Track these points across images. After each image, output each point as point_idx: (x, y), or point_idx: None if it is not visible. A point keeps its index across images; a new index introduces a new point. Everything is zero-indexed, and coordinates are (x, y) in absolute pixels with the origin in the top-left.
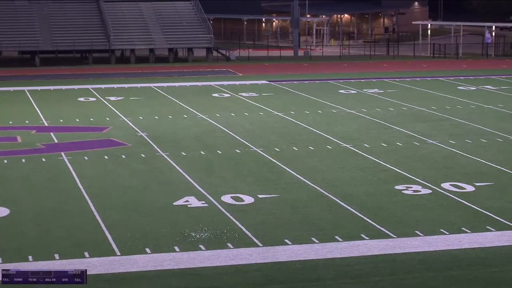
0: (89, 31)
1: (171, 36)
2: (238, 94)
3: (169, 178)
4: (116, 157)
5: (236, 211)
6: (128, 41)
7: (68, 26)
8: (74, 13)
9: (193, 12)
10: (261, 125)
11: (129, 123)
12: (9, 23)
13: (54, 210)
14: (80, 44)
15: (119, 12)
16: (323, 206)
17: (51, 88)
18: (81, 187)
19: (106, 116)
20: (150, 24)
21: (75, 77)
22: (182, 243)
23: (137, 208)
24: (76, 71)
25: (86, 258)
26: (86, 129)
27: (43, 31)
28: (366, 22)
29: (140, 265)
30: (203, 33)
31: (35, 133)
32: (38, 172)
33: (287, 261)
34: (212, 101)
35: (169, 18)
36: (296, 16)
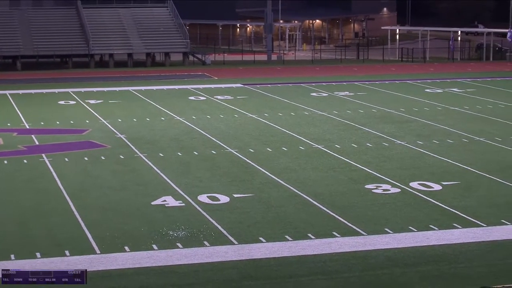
0: (69, 36)
1: (149, 41)
2: (214, 97)
3: (147, 178)
4: (95, 158)
5: (212, 210)
6: (107, 46)
7: (49, 32)
8: (54, 18)
9: (169, 18)
10: (236, 127)
11: (108, 126)
12: None
13: (35, 210)
14: (60, 49)
15: (98, 17)
16: (296, 205)
17: (32, 91)
18: (61, 187)
19: (86, 119)
20: (128, 29)
21: (55, 81)
22: (160, 242)
23: (116, 207)
24: (56, 75)
25: (67, 257)
26: (67, 131)
27: (24, 36)
28: (337, 27)
29: (120, 263)
30: (180, 38)
31: (17, 135)
32: (20, 173)
33: (262, 258)
34: (189, 103)
35: (146, 24)
36: (269, 22)
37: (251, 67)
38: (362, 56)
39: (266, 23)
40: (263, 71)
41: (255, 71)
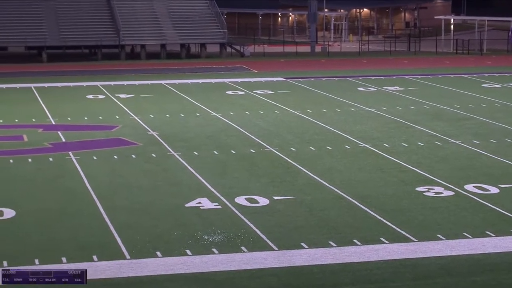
0: (98, 26)
1: (183, 31)
2: (253, 91)
3: (180, 178)
4: (125, 157)
5: (250, 213)
6: (139, 36)
7: (77, 21)
8: (83, 7)
9: (206, 6)
10: (276, 124)
11: (140, 122)
12: (15, 17)
13: (61, 211)
14: (88, 40)
15: (129, 6)
16: (341, 208)
17: (58, 85)
18: (89, 187)
19: (116, 114)
20: (161, 19)
21: (83, 74)
22: (194, 247)
23: (148, 209)
24: (84, 68)
25: (95, 262)
26: (95, 127)
27: (51, 26)
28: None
29: (151, 269)
30: (217, 28)
31: (42, 131)
32: (45, 172)
33: (304, 265)
34: (226, 98)
35: (181, 13)
36: (313, 11)
37: (293, 60)
38: (414, 48)
39: (309, 12)
40: (306, 64)
41: (297, 64)
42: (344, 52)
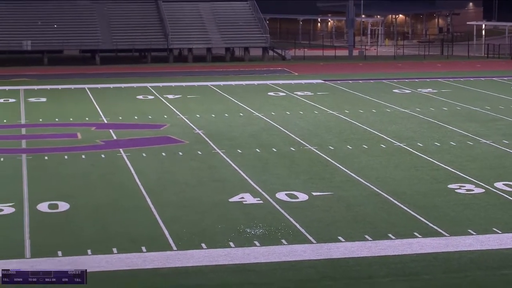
0: (148, 30)
1: (228, 36)
2: (293, 93)
3: (225, 175)
4: (173, 154)
5: (290, 208)
6: (186, 40)
7: (128, 26)
8: (134, 13)
9: (249, 12)
10: (315, 124)
11: (186, 121)
12: (71, 22)
13: (112, 205)
14: (139, 43)
15: (178, 11)
16: (377, 204)
17: (110, 86)
18: (139, 183)
19: (164, 114)
20: (207, 24)
21: (134, 76)
22: (237, 239)
23: (194, 204)
24: (135, 70)
25: (143, 253)
26: (144, 126)
27: (104, 30)
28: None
29: (196, 260)
30: (260, 32)
31: (95, 130)
32: (97, 168)
33: (340, 258)
34: (268, 99)
35: (226, 18)
36: (351, 16)
37: (332, 63)
38: (447, 52)
39: (348, 18)
40: (344, 67)
41: (336, 67)
42: (380, 56)
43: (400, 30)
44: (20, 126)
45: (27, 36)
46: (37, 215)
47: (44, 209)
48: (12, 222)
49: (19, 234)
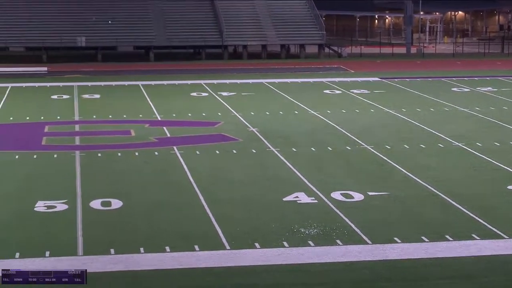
0: (202, 27)
1: (284, 33)
2: (350, 90)
3: (279, 173)
4: (227, 152)
5: (345, 208)
6: (241, 37)
7: (182, 22)
8: (188, 9)
9: (305, 9)
10: (372, 122)
11: (241, 119)
12: (125, 19)
13: (165, 203)
14: (193, 40)
15: (233, 8)
16: (434, 205)
17: (164, 83)
18: (192, 181)
19: (218, 111)
20: (263, 21)
21: (188, 72)
22: (291, 239)
23: (247, 203)
24: (189, 67)
25: (196, 252)
26: (198, 123)
27: (158, 27)
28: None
29: (249, 260)
30: (315, 29)
31: (148, 127)
32: (151, 165)
33: (396, 259)
34: (323, 97)
35: (281, 15)
36: (409, 13)
37: (389, 60)
38: (507, 50)
39: (405, 15)
40: (401, 65)
41: (393, 65)
42: (439, 53)
43: (459, 27)
44: (73, 123)
45: (82, 33)
46: (89, 212)
47: (97, 206)
48: (65, 219)
49: (72, 231)
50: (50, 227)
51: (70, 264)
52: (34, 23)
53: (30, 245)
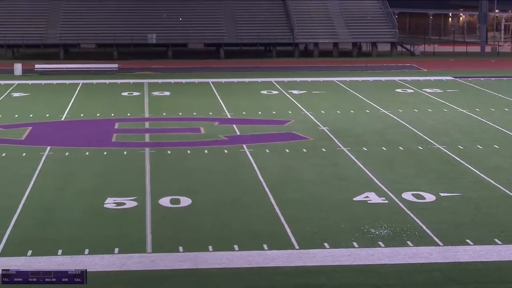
0: (273, 24)
1: (355, 30)
2: (422, 90)
3: (349, 173)
4: (296, 150)
5: (416, 208)
6: (312, 35)
7: (253, 20)
8: (259, 6)
9: (378, 7)
10: (444, 122)
11: (311, 117)
12: (195, 16)
13: (234, 201)
14: (264, 38)
15: (304, 5)
16: (508, 207)
17: (234, 80)
18: (261, 179)
19: (288, 110)
20: (334, 18)
21: (258, 70)
22: (361, 239)
23: (317, 202)
24: (259, 64)
25: (265, 251)
26: (268, 122)
27: (228, 24)
28: None
29: (318, 260)
30: (388, 27)
31: (218, 124)
32: (220, 163)
33: (468, 261)
34: (395, 96)
35: (353, 13)
36: (484, 11)
37: (462, 59)
38: None
39: (480, 13)
40: (475, 64)
41: (467, 63)
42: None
43: None
44: (143, 120)
45: (152, 30)
46: (159, 209)
47: (166, 204)
48: (134, 216)
49: (141, 228)
50: (119, 224)
51: (139, 261)
52: (105, 20)
53: (99, 241)
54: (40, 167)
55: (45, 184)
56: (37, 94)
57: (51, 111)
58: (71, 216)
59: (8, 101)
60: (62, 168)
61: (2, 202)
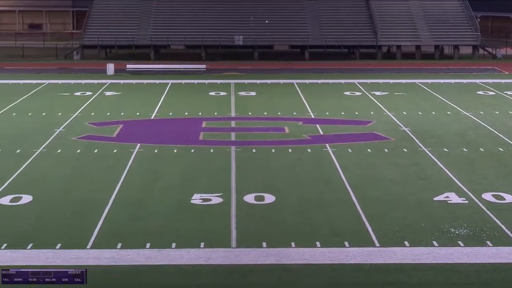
0: (357, 27)
1: (438, 33)
2: (503, 92)
3: (430, 173)
4: (378, 150)
5: (496, 209)
6: (395, 37)
7: (337, 22)
8: (344, 9)
9: (460, 10)
10: None
11: (393, 118)
12: (281, 18)
13: (317, 199)
14: (348, 40)
15: (387, 9)
16: None
17: (318, 81)
18: (343, 178)
19: (371, 110)
20: (417, 21)
21: (342, 72)
22: (441, 238)
23: (397, 201)
24: (343, 66)
25: (346, 248)
26: (351, 122)
27: (313, 26)
28: None
29: (398, 257)
30: (470, 30)
31: (302, 124)
32: (303, 162)
33: None
34: (476, 98)
35: (436, 16)
36: None
37: None
38: None
39: None
40: None
41: None
42: None
43: None
44: (230, 119)
45: (239, 32)
46: (243, 206)
47: (251, 201)
48: (220, 212)
49: (226, 224)
50: (205, 219)
51: (223, 256)
52: (194, 22)
53: (186, 236)
54: (130, 163)
55: (135, 179)
56: (128, 93)
57: (141, 110)
58: (159, 210)
59: (101, 100)
60: (151, 165)
61: (94, 197)
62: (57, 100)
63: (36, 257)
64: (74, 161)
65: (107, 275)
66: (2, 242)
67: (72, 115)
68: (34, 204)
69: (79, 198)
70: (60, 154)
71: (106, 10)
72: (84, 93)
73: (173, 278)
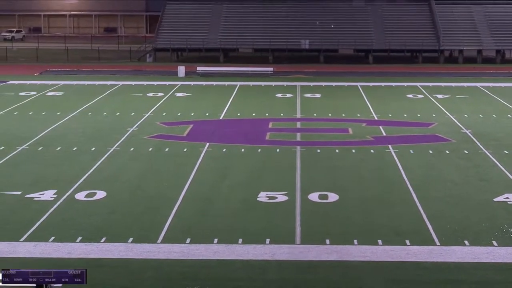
0: (420, 31)
1: (500, 38)
2: None
3: (490, 174)
4: (440, 152)
5: None
6: (457, 42)
7: (401, 27)
8: (407, 14)
9: None
10: None
11: (454, 120)
12: (346, 22)
13: (379, 198)
14: (411, 44)
15: (450, 13)
16: None
17: (381, 84)
18: (405, 178)
19: (432, 113)
20: (479, 26)
21: (404, 75)
22: (501, 238)
23: (458, 201)
24: (406, 69)
25: (407, 246)
26: (413, 124)
27: (377, 31)
28: None
29: (458, 256)
30: None
31: (365, 126)
32: (366, 162)
33: None
34: None
35: (498, 20)
36: None
37: None
38: None
39: None
40: None
41: None
42: None
43: None
44: (295, 120)
45: (306, 36)
46: (308, 204)
47: (315, 199)
48: (285, 210)
49: (291, 221)
50: (271, 217)
51: (288, 252)
52: (262, 27)
53: (252, 232)
54: (199, 162)
55: (204, 177)
56: (198, 94)
57: (210, 110)
58: (227, 207)
59: (172, 100)
60: (219, 163)
61: (165, 193)
62: (130, 100)
63: (109, 250)
64: (146, 159)
65: (177, 269)
66: (77, 235)
67: (144, 115)
68: (107, 200)
69: (150, 195)
70: (133, 152)
71: (178, 15)
72: (156, 94)
73: (240, 273)
